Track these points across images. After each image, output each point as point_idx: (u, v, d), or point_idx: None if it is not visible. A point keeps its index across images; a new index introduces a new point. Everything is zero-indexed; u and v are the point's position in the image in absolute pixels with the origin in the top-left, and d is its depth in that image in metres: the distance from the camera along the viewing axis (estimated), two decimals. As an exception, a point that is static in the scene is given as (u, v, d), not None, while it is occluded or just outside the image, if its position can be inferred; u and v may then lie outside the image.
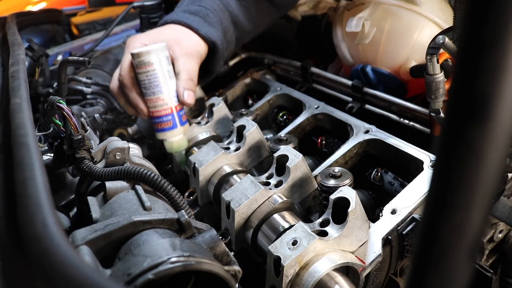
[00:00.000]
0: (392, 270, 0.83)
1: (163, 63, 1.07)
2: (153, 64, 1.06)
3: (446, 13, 1.21)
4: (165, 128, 1.11)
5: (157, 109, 1.10)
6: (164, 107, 1.09)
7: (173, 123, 1.11)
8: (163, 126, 1.11)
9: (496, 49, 0.28)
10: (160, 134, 1.12)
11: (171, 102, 1.10)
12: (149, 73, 1.07)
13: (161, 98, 1.09)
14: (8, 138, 0.67)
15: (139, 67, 1.07)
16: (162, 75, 1.07)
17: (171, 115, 1.10)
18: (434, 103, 0.95)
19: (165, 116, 1.10)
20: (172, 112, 1.11)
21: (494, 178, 0.31)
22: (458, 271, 0.32)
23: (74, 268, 0.41)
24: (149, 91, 1.09)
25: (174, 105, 1.10)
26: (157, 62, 1.06)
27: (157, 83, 1.07)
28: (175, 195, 0.75)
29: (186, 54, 1.12)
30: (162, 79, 1.07)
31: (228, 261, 0.64)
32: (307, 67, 1.42)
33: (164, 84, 1.08)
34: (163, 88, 1.08)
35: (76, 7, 2.48)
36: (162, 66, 1.07)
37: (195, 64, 1.14)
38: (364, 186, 1.02)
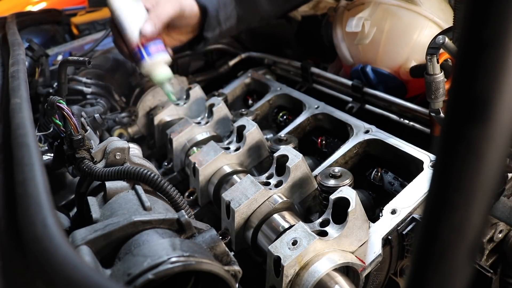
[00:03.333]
0: (392, 270, 0.83)
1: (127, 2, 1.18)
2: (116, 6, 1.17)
3: (446, 13, 1.21)
4: (138, 61, 1.19)
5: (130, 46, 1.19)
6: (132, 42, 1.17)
7: (141, 56, 1.18)
8: (136, 60, 1.19)
9: (496, 49, 0.28)
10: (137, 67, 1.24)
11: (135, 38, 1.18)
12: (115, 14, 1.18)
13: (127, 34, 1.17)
14: (8, 138, 0.67)
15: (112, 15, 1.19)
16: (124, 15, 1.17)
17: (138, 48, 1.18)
18: (434, 103, 0.95)
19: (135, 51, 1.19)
20: (138, 46, 1.18)
21: (494, 178, 0.31)
22: (458, 271, 0.32)
23: (74, 268, 0.41)
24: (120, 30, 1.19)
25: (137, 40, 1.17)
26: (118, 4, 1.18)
27: (122, 23, 1.17)
28: (175, 195, 0.75)
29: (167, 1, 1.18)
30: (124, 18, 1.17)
31: (228, 261, 0.64)
32: (307, 67, 1.42)
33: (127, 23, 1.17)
34: (126, 27, 1.17)
35: (76, 7, 2.48)
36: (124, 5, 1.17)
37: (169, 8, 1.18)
38: (364, 186, 1.02)
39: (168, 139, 1.22)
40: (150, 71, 1.19)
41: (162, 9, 1.18)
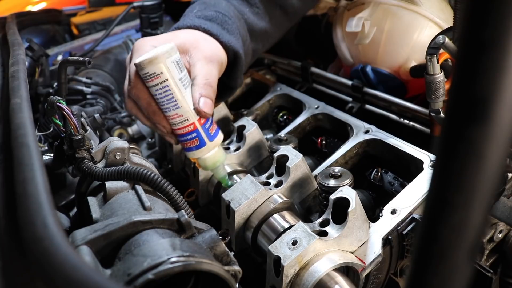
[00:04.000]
0: (392, 270, 0.83)
1: (173, 70, 0.86)
2: (161, 74, 0.85)
3: (446, 13, 1.21)
4: (192, 147, 0.93)
5: (178, 127, 0.91)
6: (184, 123, 0.90)
7: (200, 140, 0.92)
8: (189, 145, 0.92)
9: (496, 49, 0.28)
10: (189, 154, 0.94)
11: (192, 116, 0.90)
12: (159, 86, 0.86)
13: (179, 113, 0.89)
14: (8, 138, 0.67)
15: (146, 81, 0.87)
16: (175, 86, 0.87)
17: (195, 131, 0.91)
18: (434, 103, 0.95)
19: (188, 134, 0.91)
20: (196, 128, 0.91)
21: (494, 178, 0.31)
22: (458, 271, 0.32)
23: (74, 268, 0.41)
24: (164, 107, 0.89)
25: (196, 119, 0.90)
26: (165, 71, 0.85)
27: (170, 96, 0.87)
28: (175, 195, 0.75)
29: (204, 59, 0.95)
30: (175, 90, 0.87)
31: (228, 261, 0.64)
32: (307, 67, 1.42)
33: (179, 97, 0.87)
34: (178, 102, 0.88)
35: (76, 7, 2.48)
36: (173, 75, 0.86)
37: (215, 70, 0.96)
38: (364, 186, 1.02)
39: (168, 139, 1.22)
40: (209, 157, 0.94)
41: (209, 74, 0.94)
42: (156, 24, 1.67)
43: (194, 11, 1.08)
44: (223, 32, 1.02)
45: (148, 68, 0.85)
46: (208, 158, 0.94)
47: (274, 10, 1.22)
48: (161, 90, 0.87)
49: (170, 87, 0.86)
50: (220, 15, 1.05)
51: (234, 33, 1.05)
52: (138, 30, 1.93)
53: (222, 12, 1.06)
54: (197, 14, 1.06)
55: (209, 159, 0.94)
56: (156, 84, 0.86)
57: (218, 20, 1.04)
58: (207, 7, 1.08)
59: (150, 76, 0.85)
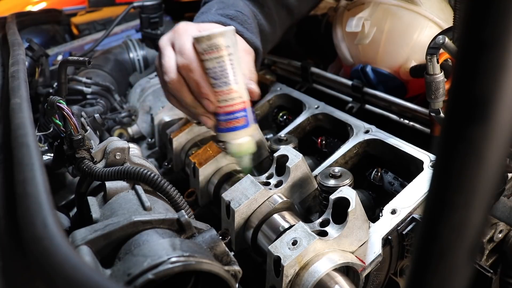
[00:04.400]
0: (392, 270, 0.83)
1: (233, 48, 0.88)
2: (226, 48, 0.87)
3: (446, 13, 1.21)
4: (236, 127, 0.91)
5: (229, 103, 0.90)
6: (237, 100, 0.90)
7: (247, 120, 0.91)
8: (234, 124, 0.90)
9: (496, 49, 0.28)
10: (229, 134, 0.92)
11: (244, 94, 0.91)
12: (221, 59, 0.87)
13: (234, 89, 0.89)
14: (8, 138, 0.67)
15: (208, 52, 0.87)
16: (237, 61, 0.89)
17: (245, 110, 0.91)
18: (434, 103, 0.95)
19: (238, 111, 0.90)
20: (246, 106, 0.91)
21: (494, 178, 0.31)
22: (458, 271, 0.32)
23: (74, 268, 0.41)
24: (219, 81, 0.88)
25: (247, 98, 0.92)
26: (232, 45, 0.87)
27: (229, 71, 0.88)
28: (175, 195, 0.75)
29: (243, 50, 0.99)
30: (236, 65, 0.89)
31: (228, 261, 0.64)
32: (307, 67, 1.42)
33: (238, 73, 0.89)
34: (238, 77, 0.89)
35: (76, 7, 2.48)
36: (234, 52, 0.88)
37: (251, 60, 1.02)
38: (364, 186, 1.02)
39: (168, 139, 1.22)
40: (246, 142, 0.93)
41: (251, 65, 0.99)
42: (156, 24, 1.67)
43: (213, 9, 1.10)
44: (245, 31, 1.06)
45: (215, 39, 0.86)
46: (246, 143, 0.93)
47: (280, 11, 1.24)
48: (223, 63, 0.87)
49: (233, 61, 0.88)
50: (240, 14, 1.08)
51: (254, 32, 1.09)
52: (138, 30, 1.93)
53: (241, 11, 1.09)
54: (218, 12, 1.08)
55: (246, 144, 0.94)
56: (218, 56, 0.87)
57: (239, 19, 1.07)
58: (226, 6, 1.10)
59: (216, 47, 0.86)
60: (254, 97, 0.95)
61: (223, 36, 0.86)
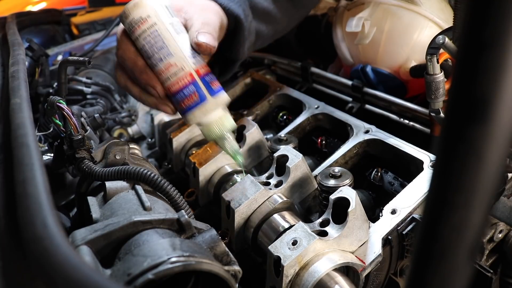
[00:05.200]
0: (392, 270, 0.83)
1: (163, 14, 0.75)
2: (148, 18, 0.74)
3: (446, 13, 1.21)
4: (191, 106, 0.77)
5: (172, 81, 0.76)
6: (179, 74, 0.76)
7: (200, 94, 0.76)
8: (187, 103, 0.77)
9: (496, 49, 0.28)
10: (189, 115, 0.78)
11: (188, 64, 0.76)
12: (146, 33, 0.75)
13: (171, 62, 0.75)
14: (8, 138, 0.67)
15: (132, 31, 0.75)
16: (164, 30, 0.75)
17: (193, 83, 0.76)
18: (434, 103, 0.95)
19: (185, 87, 0.76)
20: (194, 79, 0.76)
21: (494, 178, 0.31)
22: (458, 271, 0.32)
23: (74, 268, 0.41)
24: (154, 58, 0.76)
25: (193, 68, 0.76)
26: (153, 14, 0.74)
27: (160, 43, 0.75)
28: (175, 195, 0.75)
29: (201, 9, 0.83)
30: (166, 34, 0.75)
31: (228, 261, 0.64)
32: (307, 67, 1.42)
33: (171, 41, 0.75)
34: (170, 48, 0.75)
35: (76, 7, 2.48)
36: (163, 19, 0.75)
37: (213, 16, 0.83)
38: (364, 186, 1.02)
39: (168, 139, 1.22)
40: (214, 121, 0.79)
41: (208, 19, 0.82)
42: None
43: None
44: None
45: (133, 13, 0.74)
46: (214, 122, 0.79)
47: None
48: (149, 37, 0.75)
49: (159, 32, 0.74)
50: None
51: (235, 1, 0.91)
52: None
53: None
54: None
55: (215, 124, 0.79)
56: (143, 31, 0.75)
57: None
58: None
59: (136, 22, 0.74)
60: (205, 51, 0.77)
61: (137, 7, 0.74)
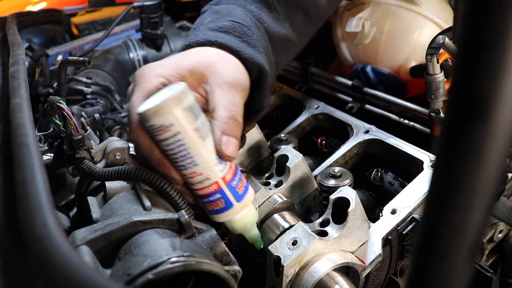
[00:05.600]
0: (392, 270, 0.83)
1: (187, 119, 0.68)
2: (172, 126, 0.67)
3: (446, 13, 1.21)
4: (217, 210, 0.75)
5: (197, 187, 0.73)
6: (205, 183, 0.72)
7: (226, 202, 0.74)
8: (213, 207, 0.75)
9: (496, 49, 0.28)
10: (214, 217, 0.76)
11: (215, 173, 0.72)
12: (169, 141, 0.69)
13: (197, 172, 0.71)
14: (8, 138, 0.67)
15: (153, 134, 0.70)
16: (189, 140, 0.69)
17: (220, 191, 0.73)
18: (434, 103, 0.95)
19: (211, 194, 0.73)
20: (220, 187, 0.72)
21: (494, 178, 0.31)
22: (458, 271, 0.32)
23: (74, 268, 0.41)
24: (178, 164, 0.72)
25: (220, 177, 0.72)
26: (176, 123, 0.67)
27: (185, 153, 0.70)
28: (175, 195, 0.75)
29: (225, 84, 0.77)
30: (191, 145, 0.69)
31: (228, 261, 0.64)
32: (307, 67, 1.42)
33: (197, 152, 0.70)
34: (196, 158, 0.70)
35: (76, 7, 2.48)
36: (187, 125, 0.68)
37: (239, 97, 0.78)
38: (364, 186, 1.02)
39: (168, 139, 1.22)
40: (238, 220, 0.76)
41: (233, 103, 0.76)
42: (156, 24, 1.67)
43: (205, 22, 0.90)
44: (243, 46, 0.85)
45: (154, 120, 0.67)
46: (237, 221, 0.77)
47: (295, 15, 1.05)
48: (173, 145, 0.69)
49: (183, 141, 0.69)
50: (238, 25, 0.87)
51: (256, 45, 0.87)
52: (138, 30, 1.93)
53: (239, 21, 0.88)
54: (209, 25, 0.88)
55: (238, 222, 0.77)
56: (166, 138, 0.69)
57: (236, 32, 0.86)
58: (220, 16, 0.90)
59: (158, 129, 0.68)
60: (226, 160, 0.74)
61: (160, 114, 0.66)
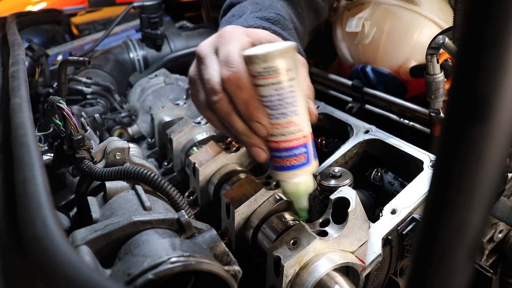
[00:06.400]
0: (392, 270, 0.83)
1: (296, 70, 0.70)
2: (286, 72, 0.68)
3: (446, 13, 1.21)
4: (294, 165, 0.73)
5: (287, 138, 0.72)
6: (297, 134, 0.72)
7: (307, 157, 0.73)
8: (291, 162, 0.73)
9: (496, 49, 0.28)
10: (286, 173, 0.75)
11: (307, 126, 0.73)
12: (279, 86, 0.69)
13: (295, 122, 0.71)
14: (8, 138, 0.67)
15: (263, 77, 0.69)
16: (299, 89, 0.71)
17: (305, 145, 0.73)
18: (434, 103, 0.95)
19: (297, 147, 0.73)
20: (307, 142, 0.73)
21: (494, 178, 0.31)
22: (458, 271, 0.32)
23: (74, 268, 0.41)
24: (276, 111, 0.71)
25: (310, 131, 0.74)
26: (294, 69, 0.69)
27: (292, 100, 0.70)
28: (175, 195, 0.75)
29: (300, 62, 0.79)
30: (299, 93, 0.70)
31: (228, 261, 0.64)
32: (307, 67, 1.42)
33: (301, 102, 0.71)
34: (299, 108, 0.71)
35: (76, 7, 2.48)
36: (296, 74, 0.70)
37: (307, 72, 0.83)
38: (364, 186, 1.02)
39: (168, 139, 1.22)
40: (304, 182, 0.76)
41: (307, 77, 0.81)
42: (156, 24, 1.67)
43: (248, 12, 0.94)
44: (290, 37, 0.92)
45: (277, 61, 0.67)
46: (304, 182, 0.76)
47: (309, 13, 1.12)
48: (283, 90, 0.69)
49: (295, 88, 0.70)
50: (282, 18, 0.94)
51: (295, 38, 0.96)
52: (138, 30, 1.93)
53: (281, 14, 0.95)
54: (256, 15, 0.92)
55: (304, 184, 0.76)
56: (280, 81, 0.68)
57: (281, 24, 0.93)
58: (263, 8, 0.95)
59: (275, 71, 0.68)
60: (313, 119, 0.77)
61: (283, 56, 0.67)
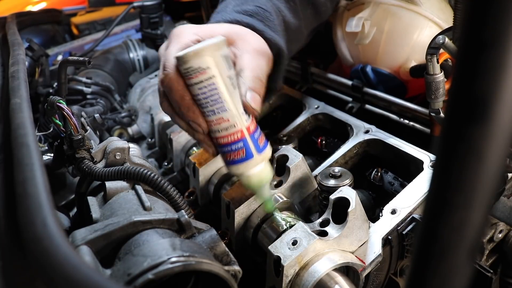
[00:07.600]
0: (392, 270, 0.83)
1: (222, 67, 0.73)
2: (208, 69, 0.71)
3: (446, 13, 1.21)
4: (236, 160, 0.77)
5: (222, 134, 0.76)
6: (230, 130, 0.75)
7: (247, 151, 0.76)
8: (233, 157, 0.77)
9: (496, 49, 0.28)
10: (232, 167, 0.79)
11: (240, 121, 0.75)
12: (203, 84, 0.72)
13: (225, 118, 0.74)
14: (8, 138, 0.67)
15: (188, 77, 0.73)
16: (222, 85, 0.73)
17: (243, 140, 0.76)
18: (434, 103, 0.95)
19: (233, 143, 0.76)
20: (243, 136, 0.76)
21: (494, 178, 0.31)
22: (458, 271, 0.32)
23: (74, 268, 0.41)
24: (206, 109, 0.75)
25: (245, 126, 0.76)
26: (213, 67, 0.72)
27: (216, 97, 0.73)
28: (175, 195, 0.75)
29: (253, 51, 0.82)
30: (223, 90, 0.73)
31: (228, 261, 0.64)
32: (307, 67, 1.42)
33: (227, 97, 0.73)
34: (225, 104, 0.73)
35: (76, 7, 2.48)
36: (221, 72, 0.73)
37: (264, 64, 0.83)
38: (364, 186, 1.02)
39: (168, 139, 1.22)
40: (255, 174, 0.78)
41: (258, 67, 0.81)
42: (156, 24, 1.68)
43: (230, 6, 0.97)
44: (266, 29, 0.92)
45: (192, 61, 0.71)
46: (254, 175, 0.79)
47: (306, 8, 1.12)
48: (206, 89, 0.73)
49: (217, 85, 0.72)
50: (261, 10, 0.95)
51: (277, 30, 0.95)
52: (138, 30, 1.93)
53: (262, 7, 0.95)
54: (235, 9, 0.95)
55: (255, 176, 0.79)
56: (200, 81, 0.72)
57: (260, 16, 0.94)
58: (245, 1, 0.97)
59: (194, 71, 0.71)
60: (250, 113, 0.78)
61: (199, 56, 0.70)
